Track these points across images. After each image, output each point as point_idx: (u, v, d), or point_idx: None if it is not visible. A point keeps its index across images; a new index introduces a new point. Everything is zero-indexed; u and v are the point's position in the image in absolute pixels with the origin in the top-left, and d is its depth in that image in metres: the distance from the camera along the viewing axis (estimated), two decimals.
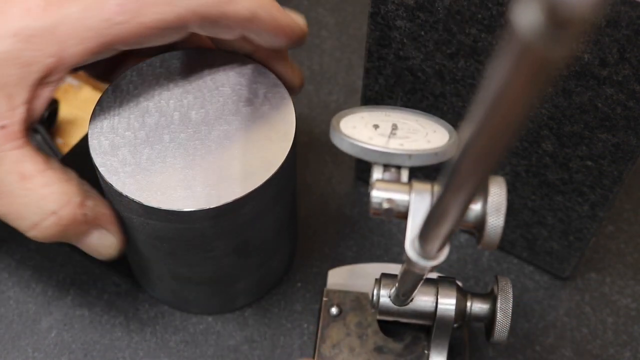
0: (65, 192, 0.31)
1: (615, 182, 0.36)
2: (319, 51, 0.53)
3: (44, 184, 0.31)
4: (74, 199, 0.32)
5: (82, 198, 0.32)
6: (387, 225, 0.45)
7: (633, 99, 0.31)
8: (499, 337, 0.34)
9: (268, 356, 0.40)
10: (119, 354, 0.40)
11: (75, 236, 0.33)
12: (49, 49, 0.30)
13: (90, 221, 0.33)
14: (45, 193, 0.31)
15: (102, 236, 0.34)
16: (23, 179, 0.31)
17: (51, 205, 0.31)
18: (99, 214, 0.33)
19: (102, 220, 0.34)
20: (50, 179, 0.31)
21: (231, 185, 0.33)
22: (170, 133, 0.34)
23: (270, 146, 0.34)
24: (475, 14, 0.32)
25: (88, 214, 0.32)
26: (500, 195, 0.27)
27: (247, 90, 0.36)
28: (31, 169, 0.31)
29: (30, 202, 0.31)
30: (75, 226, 0.32)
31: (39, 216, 0.31)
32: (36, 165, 0.31)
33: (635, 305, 0.43)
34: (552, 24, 0.13)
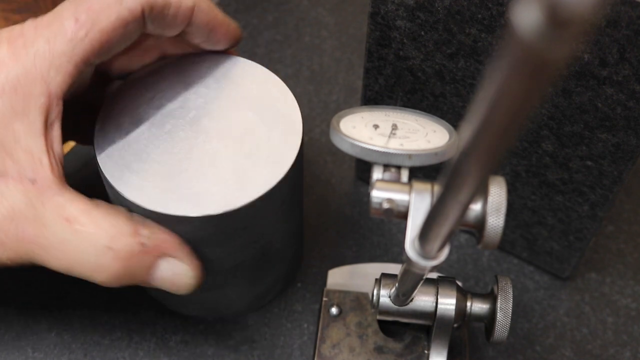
0: (113, 225, 0.31)
1: (615, 182, 0.36)
2: (319, 51, 0.53)
3: (90, 222, 0.30)
4: (125, 228, 0.31)
5: (134, 227, 0.31)
6: (387, 225, 0.45)
7: (633, 99, 0.31)
8: (499, 337, 0.34)
9: (268, 356, 0.40)
10: (119, 354, 0.40)
11: (143, 271, 0.32)
12: (36, 90, 0.30)
13: (152, 250, 0.31)
14: (94, 231, 0.30)
15: (172, 266, 0.32)
16: (69, 223, 0.30)
17: (103, 240, 0.30)
18: (159, 240, 0.32)
19: (165, 247, 0.32)
20: (96, 216, 0.31)
21: (240, 189, 0.32)
22: (176, 138, 0.34)
23: (277, 150, 0.33)
24: (475, 14, 0.32)
25: (146, 243, 0.31)
26: (500, 195, 0.27)
27: (251, 92, 0.35)
28: (74, 211, 0.30)
29: (83, 243, 0.30)
30: (137, 258, 0.31)
31: (96, 256, 0.30)
32: (78, 206, 0.31)
33: (635, 305, 0.43)
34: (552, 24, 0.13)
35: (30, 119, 0.30)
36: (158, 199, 0.32)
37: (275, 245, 0.37)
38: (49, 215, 0.30)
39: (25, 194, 0.30)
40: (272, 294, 0.42)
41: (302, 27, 0.55)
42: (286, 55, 0.53)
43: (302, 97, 0.50)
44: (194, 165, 0.33)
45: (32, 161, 0.30)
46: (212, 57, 0.37)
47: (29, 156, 0.30)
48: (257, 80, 0.36)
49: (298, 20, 0.55)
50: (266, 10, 0.56)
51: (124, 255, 0.31)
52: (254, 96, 0.35)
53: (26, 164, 0.30)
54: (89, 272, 0.31)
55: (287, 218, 0.37)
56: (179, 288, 0.33)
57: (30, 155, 0.30)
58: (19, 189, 0.30)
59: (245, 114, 0.35)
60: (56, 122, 0.31)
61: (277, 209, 0.35)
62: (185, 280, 0.33)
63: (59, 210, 0.30)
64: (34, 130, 0.30)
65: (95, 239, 0.30)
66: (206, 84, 0.36)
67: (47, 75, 0.30)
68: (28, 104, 0.30)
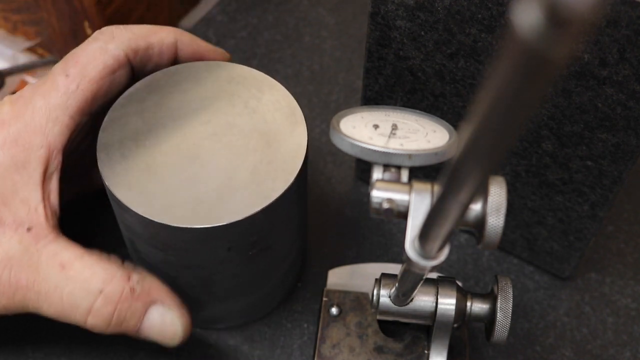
0: (106, 269, 0.32)
1: (615, 182, 0.36)
2: (319, 51, 0.53)
3: (84, 267, 0.31)
4: (118, 273, 0.32)
5: (126, 272, 0.32)
6: (387, 225, 0.45)
7: (633, 99, 0.31)
8: (499, 337, 0.34)
9: (268, 356, 0.40)
10: (119, 354, 0.40)
11: (134, 318, 0.32)
12: (35, 143, 0.32)
13: (143, 297, 0.32)
14: (87, 275, 0.31)
15: (161, 314, 0.33)
16: (64, 269, 0.31)
17: (96, 284, 0.31)
18: (149, 286, 0.33)
19: (155, 294, 0.33)
20: (90, 261, 0.32)
21: (245, 200, 0.32)
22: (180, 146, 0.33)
23: (283, 158, 0.33)
24: (475, 14, 0.32)
25: (137, 289, 0.32)
26: (500, 195, 0.27)
27: (255, 100, 0.35)
28: (69, 256, 0.32)
29: (76, 288, 0.31)
30: (128, 303, 0.32)
31: (88, 300, 0.31)
32: (72, 252, 0.32)
33: (635, 305, 0.43)
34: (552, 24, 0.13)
35: (30, 171, 0.32)
36: (163, 211, 0.31)
37: (280, 253, 0.37)
38: (44, 261, 0.31)
39: (21, 241, 0.31)
40: (277, 302, 0.42)
41: (302, 27, 0.55)
42: (286, 55, 0.53)
43: (302, 97, 0.50)
44: (198, 176, 0.32)
45: (28, 210, 0.32)
46: (213, 66, 0.36)
47: (26, 206, 0.32)
48: (260, 89, 0.36)
49: (298, 20, 0.55)
50: (266, 10, 0.56)
51: (116, 298, 0.32)
52: (258, 105, 0.35)
53: (23, 213, 0.32)
54: (81, 317, 0.32)
55: (293, 224, 0.36)
56: (166, 338, 0.34)
57: (27, 204, 0.32)
58: (14, 237, 0.31)
59: (250, 123, 0.34)
60: (55, 173, 0.33)
61: (283, 218, 0.34)
62: (174, 329, 0.33)
63: (54, 256, 0.31)
64: (32, 182, 0.32)
65: (88, 283, 0.31)
66: (208, 93, 0.35)
67: (45, 127, 0.32)
68: (28, 156, 0.32)
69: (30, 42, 0.52)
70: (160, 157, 0.33)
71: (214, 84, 0.36)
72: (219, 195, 0.32)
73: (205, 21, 0.55)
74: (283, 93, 0.35)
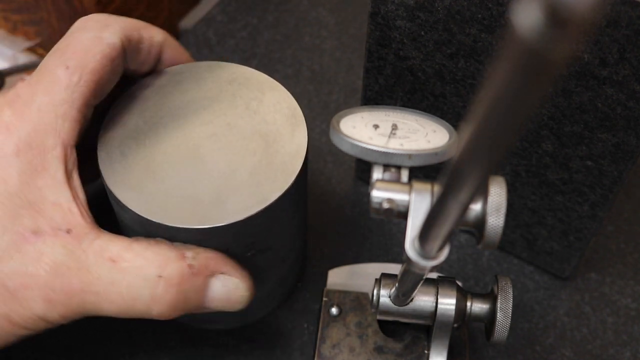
0: (159, 253, 0.31)
1: (615, 182, 0.36)
2: (319, 51, 0.53)
3: (136, 256, 0.30)
4: (170, 254, 0.31)
5: (179, 251, 0.31)
6: (387, 225, 0.45)
7: (633, 99, 0.31)
8: (499, 337, 0.34)
9: (268, 356, 0.40)
10: (119, 354, 0.40)
11: (197, 294, 0.32)
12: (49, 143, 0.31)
13: (201, 270, 0.31)
14: (141, 263, 0.30)
15: (223, 282, 0.32)
16: (115, 262, 0.30)
17: (153, 271, 0.30)
18: (206, 259, 0.32)
19: (213, 264, 0.32)
20: (140, 249, 0.31)
21: (243, 201, 0.32)
22: (180, 147, 0.33)
23: (283, 159, 0.33)
24: (475, 14, 0.32)
25: (194, 264, 0.31)
26: (500, 195, 0.27)
27: (256, 101, 0.35)
28: (117, 249, 0.30)
29: (133, 279, 0.30)
30: (189, 281, 0.31)
31: (149, 288, 0.30)
32: (120, 244, 0.31)
33: (635, 305, 0.43)
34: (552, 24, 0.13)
35: (51, 173, 0.31)
36: (162, 211, 0.31)
37: (279, 254, 0.37)
38: (93, 260, 0.30)
39: (64, 246, 0.30)
40: (276, 302, 0.41)
41: (302, 27, 0.54)
42: (286, 55, 0.53)
43: (302, 97, 0.50)
44: (197, 176, 0.32)
45: (63, 213, 0.30)
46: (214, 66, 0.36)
47: (59, 208, 0.30)
48: (261, 90, 0.36)
49: (298, 20, 0.55)
50: (266, 10, 0.56)
51: (176, 280, 0.30)
52: (258, 106, 0.35)
53: (58, 216, 0.30)
54: (145, 307, 0.31)
55: (292, 226, 0.36)
56: (234, 304, 0.33)
57: (59, 207, 0.30)
58: (56, 243, 0.30)
59: (250, 124, 0.34)
60: (74, 170, 0.32)
61: (282, 220, 0.34)
62: (240, 294, 0.33)
63: (102, 252, 0.30)
64: (57, 183, 0.31)
65: (144, 271, 0.30)
66: (209, 94, 0.35)
67: (56, 124, 0.31)
68: (45, 158, 0.31)
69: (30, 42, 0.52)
70: (160, 156, 0.33)
71: (215, 85, 0.36)
72: (218, 196, 0.32)
73: (205, 21, 0.55)
74: (284, 94, 0.35)
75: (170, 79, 0.36)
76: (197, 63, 0.37)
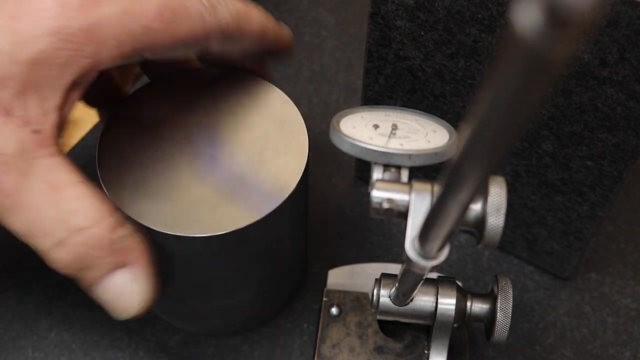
0: (98, 209, 0.28)
1: (615, 182, 0.36)
2: (319, 51, 0.53)
3: (75, 196, 0.28)
4: (107, 218, 0.28)
5: (116, 221, 0.29)
6: (387, 225, 0.45)
7: (633, 99, 0.31)
8: (499, 337, 0.34)
9: (268, 356, 0.40)
10: (119, 354, 0.40)
11: (97, 271, 0.29)
12: (86, 50, 0.28)
13: (118, 253, 0.29)
14: (75, 207, 0.28)
15: (127, 279, 0.29)
16: (53, 190, 0.27)
17: (80, 220, 0.28)
18: (130, 247, 0.29)
19: (132, 257, 0.29)
20: (83, 193, 0.28)
21: (243, 209, 0.31)
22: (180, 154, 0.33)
23: (283, 165, 0.33)
24: (475, 14, 0.32)
25: (117, 243, 0.28)
26: (500, 195, 0.27)
27: (256, 108, 0.35)
28: (63, 179, 0.28)
29: (58, 215, 0.28)
30: (100, 253, 0.28)
31: (65, 232, 0.28)
32: (69, 176, 0.28)
33: (635, 305, 0.43)
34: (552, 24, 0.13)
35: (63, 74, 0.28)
36: (160, 218, 0.31)
37: (281, 260, 0.37)
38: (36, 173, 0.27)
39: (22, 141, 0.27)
40: (278, 308, 0.41)
41: (302, 27, 0.55)
42: None
43: (302, 97, 0.50)
44: (197, 184, 0.32)
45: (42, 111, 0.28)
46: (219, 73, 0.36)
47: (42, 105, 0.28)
48: (261, 96, 0.35)
49: (298, 20, 0.55)
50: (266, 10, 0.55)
51: (92, 242, 0.28)
52: (260, 113, 0.35)
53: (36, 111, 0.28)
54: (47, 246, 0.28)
55: (293, 233, 0.36)
56: (118, 308, 0.30)
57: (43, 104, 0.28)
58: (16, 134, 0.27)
59: (251, 131, 0.34)
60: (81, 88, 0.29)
61: (283, 226, 0.34)
62: (129, 303, 0.30)
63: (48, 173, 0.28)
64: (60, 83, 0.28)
65: (73, 216, 0.28)
66: (211, 101, 0.35)
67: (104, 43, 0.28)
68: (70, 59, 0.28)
69: None
70: (159, 164, 0.33)
71: (218, 92, 0.36)
72: (218, 204, 0.32)
73: None
74: (284, 100, 0.35)
75: (173, 84, 0.35)
76: (197, 69, 0.36)
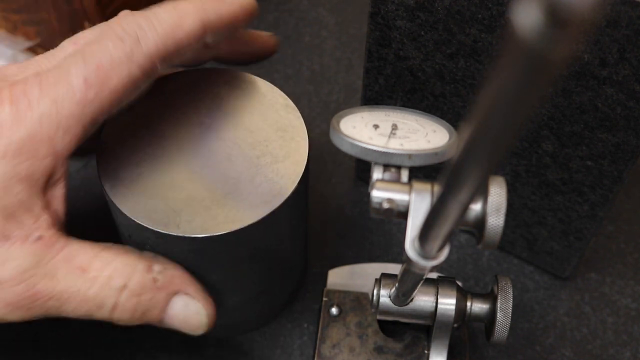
0: (127, 264, 0.31)
1: (615, 182, 0.36)
2: (319, 51, 0.53)
3: (104, 265, 0.30)
4: (139, 266, 0.31)
5: (147, 263, 0.31)
6: (387, 225, 0.45)
7: (633, 99, 0.31)
8: (499, 337, 0.34)
9: (268, 356, 0.40)
10: (119, 354, 0.40)
11: (156, 308, 0.32)
12: (41, 153, 0.29)
13: (165, 286, 0.31)
14: (108, 273, 0.30)
15: (185, 304, 0.32)
16: (83, 272, 0.30)
17: (118, 282, 0.30)
18: (172, 276, 0.32)
19: (178, 283, 0.32)
20: (108, 258, 0.30)
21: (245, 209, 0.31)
22: (179, 155, 0.33)
23: (283, 166, 0.33)
24: (475, 14, 0.32)
25: (159, 279, 0.31)
26: (500, 195, 0.27)
27: (257, 109, 0.35)
28: (86, 258, 0.30)
29: (100, 288, 0.30)
30: (151, 294, 0.31)
31: (112, 298, 0.30)
32: (87, 253, 0.30)
33: (635, 305, 0.43)
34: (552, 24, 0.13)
35: (32, 181, 0.29)
36: (161, 219, 0.31)
37: (280, 261, 0.37)
38: (61, 268, 0.30)
39: (33, 253, 0.30)
40: (278, 308, 0.41)
41: (302, 27, 0.55)
42: (286, 55, 0.53)
43: (302, 97, 0.50)
44: (197, 184, 0.32)
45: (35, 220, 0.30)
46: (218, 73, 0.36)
47: (32, 215, 0.30)
48: (261, 97, 0.35)
49: (298, 20, 0.55)
50: (266, 10, 0.56)
51: (139, 291, 0.31)
52: (260, 114, 0.35)
53: (29, 223, 0.30)
54: (107, 314, 0.31)
55: (293, 234, 0.36)
56: (192, 327, 0.33)
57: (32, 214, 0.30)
58: (25, 250, 0.29)
59: (251, 133, 0.34)
60: (61, 180, 0.31)
61: (283, 227, 0.34)
62: (199, 319, 0.33)
63: (71, 261, 0.30)
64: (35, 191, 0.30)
65: (111, 281, 0.30)
66: (211, 101, 0.35)
67: (54, 136, 0.29)
68: (32, 166, 0.29)
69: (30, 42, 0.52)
70: (159, 165, 0.33)
71: (217, 92, 0.35)
72: (217, 204, 0.32)
73: None
74: (284, 101, 0.35)
75: (171, 85, 0.35)
76: (196, 69, 0.36)
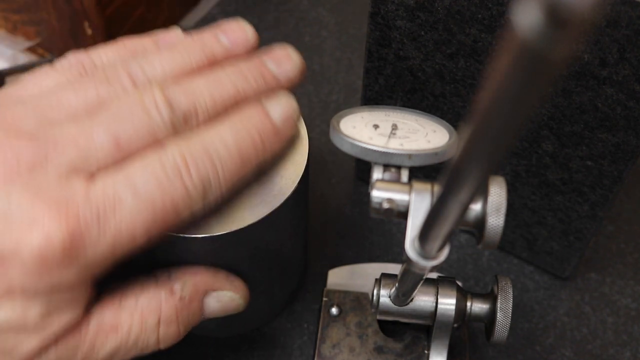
0: (151, 298, 0.31)
1: (615, 182, 0.36)
2: (319, 51, 0.53)
3: (131, 313, 0.30)
4: (161, 295, 0.31)
5: (167, 287, 0.31)
6: (387, 225, 0.45)
7: (633, 99, 0.31)
8: (499, 337, 0.34)
9: (268, 356, 0.40)
10: None
11: (195, 317, 0.32)
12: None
13: (193, 297, 0.32)
14: (139, 318, 0.30)
15: (217, 298, 0.33)
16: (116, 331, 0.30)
17: (152, 320, 0.31)
18: (194, 285, 0.32)
19: (203, 286, 0.32)
20: (131, 303, 0.30)
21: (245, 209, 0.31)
22: None
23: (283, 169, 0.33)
24: (475, 14, 0.32)
25: (185, 295, 0.31)
26: (500, 195, 0.27)
27: None
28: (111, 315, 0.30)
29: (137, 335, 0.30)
30: (185, 312, 0.32)
31: (154, 335, 0.31)
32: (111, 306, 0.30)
33: (635, 305, 0.43)
34: (552, 24, 0.13)
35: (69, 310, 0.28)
36: None
37: (281, 261, 0.37)
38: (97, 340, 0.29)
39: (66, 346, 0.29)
40: (278, 308, 0.41)
41: (302, 27, 0.55)
42: None
43: (302, 97, 0.50)
44: None
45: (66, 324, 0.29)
46: None
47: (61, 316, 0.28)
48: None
49: (298, 20, 0.55)
50: (266, 10, 0.56)
51: (173, 317, 0.31)
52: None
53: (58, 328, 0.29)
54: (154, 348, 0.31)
55: (293, 234, 0.36)
56: (232, 311, 0.34)
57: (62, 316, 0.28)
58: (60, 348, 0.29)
59: None
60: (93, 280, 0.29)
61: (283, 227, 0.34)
62: (235, 303, 0.34)
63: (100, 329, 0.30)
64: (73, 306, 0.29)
65: (145, 323, 0.30)
66: None
67: None
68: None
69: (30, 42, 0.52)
70: None
71: None
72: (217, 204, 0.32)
73: (205, 21, 0.55)
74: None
75: None
76: None
